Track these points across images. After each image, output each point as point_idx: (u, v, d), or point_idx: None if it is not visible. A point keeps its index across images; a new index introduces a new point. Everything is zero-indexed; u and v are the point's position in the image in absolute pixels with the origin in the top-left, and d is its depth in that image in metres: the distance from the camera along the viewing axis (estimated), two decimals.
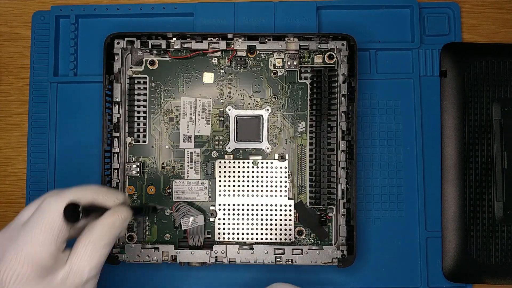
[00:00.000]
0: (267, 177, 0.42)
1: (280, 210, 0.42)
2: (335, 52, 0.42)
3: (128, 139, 0.42)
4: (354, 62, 0.40)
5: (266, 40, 0.42)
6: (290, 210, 0.42)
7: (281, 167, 0.42)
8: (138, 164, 0.42)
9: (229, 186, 0.42)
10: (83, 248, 0.30)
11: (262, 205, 0.42)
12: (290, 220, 0.42)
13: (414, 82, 0.44)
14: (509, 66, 0.43)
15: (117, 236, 0.31)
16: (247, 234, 0.41)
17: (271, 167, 0.42)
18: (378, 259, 0.43)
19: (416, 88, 0.44)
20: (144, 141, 0.43)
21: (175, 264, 0.41)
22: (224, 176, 0.42)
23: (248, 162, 0.42)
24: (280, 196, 0.42)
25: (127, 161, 0.42)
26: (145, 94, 0.43)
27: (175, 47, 0.42)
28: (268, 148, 0.42)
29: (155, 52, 0.42)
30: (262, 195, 0.42)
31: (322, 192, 0.41)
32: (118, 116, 0.42)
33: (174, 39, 0.42)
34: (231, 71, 0.43)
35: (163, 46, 0.42)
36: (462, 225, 0.42)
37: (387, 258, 0.43)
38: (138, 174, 0.42)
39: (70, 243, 0.30)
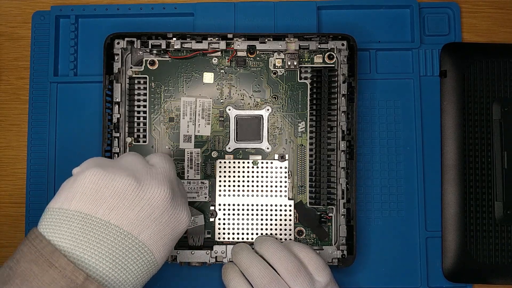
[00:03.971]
0: (267, 177, 0.42)
1: (280, 210, 0.42)
2: (335, 52, 0.42)
3: (128, 139, 0.42)
4: (354, 62, 0.40)
5: (266, 40, 0.42)
6: (290, 210, 0.42)
7: (281, 167, 0.42)
8: None
9: (229, 186, 0.42)
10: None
11: (262, 205, 0.42)
12: (290, 220, 0.42)
13: (414, 82, 0.44)
14: (509, 66, 0.43)
15: None
16: (247, 234, 0.41)
17: (271, 167, 0.42)
18: (378, 259, 0.43)
19: (416, 88, 0.44)
20: (144, 141, 0.43)
21: (175, 264, 0.41)
22: (224, 176, 0.42)
23: (248, 162, 0.42)
24: (280, 196, 0.42)
25: None
26: (145, 94, 0.43)
27: (175, 47, 0.42)
28: (268, 148, 0.42)
29: (155, 52, 0.42)
30: (262, 195, 0.42)
31: (322, 192, 0.41)
32: (118, 116, 0.42)
33: (174, 39, 0.42)
34: (231, 71, 0.43)
35: (163, 46, 0.42)
36: (462, 225, 0.42)
37: (387, 258, 0.43)
38: None
39: None
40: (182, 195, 0.34)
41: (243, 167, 0.42)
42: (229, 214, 0.42)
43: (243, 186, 0.42)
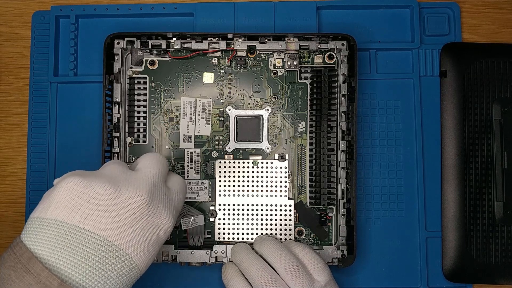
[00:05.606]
0: (267, 177, 0.42)
1: (280, 210, 0.42)
2: (335, 52, 0.42)
3: (128, 139, 0.42)
4: (354, 62, 0.40)
5: (266, 40, 0.42)
6: (290, 210, 0.42)
7: (281, 167, 0.42)
8: None
9: (229, 186, 0.42)
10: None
11: (262, 205, 0.42)
12: (290, 220, 0.42)
13: (414, 82, 0.44)
14: (509, 66, 0.43)
15: None
16: (247, 234, 0.41)
17: (271, 167, 0.42)
18: (378, 259, 0.43)
19: (416, 88, 0.44)
20: (144, 141, 0.43)
21: (175, 264, 0.41)
22: (224, 176, 0.42)
23: (248, 162, 0.42)
24: (280, 196, 0.42)
25: (127, 161, 0.42)
26: (145, 94, 0.43)
27: (175, 47, 0.42)
28: (268, 148, 0.42)
29: (155, 52, 0.42)
30: (262, 195, 0.42)
31: (322, 192, 0.41)
32: (118, 116, 0.42)
33: (174, 39, 0.42)
34: (231, 71, 0.43)
35: (163, 46, 0.42)
36: (462, 225, 0.42)
37: (387, 258, 0.43)
38: None
39: None
40: (168, 200, 0.34)
41: (243, 167, 0.42)
42: (229, 214, 0.42)
43: (243, 186, 0.42)
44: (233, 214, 0.42)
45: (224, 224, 0.42)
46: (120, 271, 0.30)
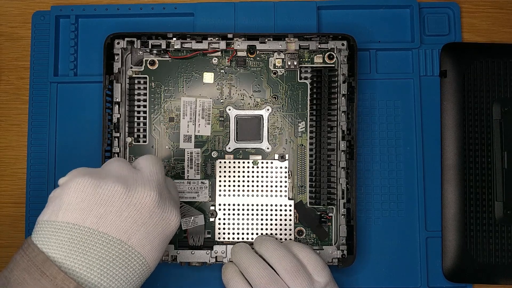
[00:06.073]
0: (267, 177, 0.42)
1: (280, 210, 0.42)
2: (335, 52, 0.42)
3: (128, 139, 0.42)
4: (354, 62, 0.41)
5: (266, 40, 0.42)
6: (290, 210, 0.42)
7: (281, 167, 0.42)
8: None
9: (229, 186, 0.42)
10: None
11: (262, 205, 0.42)
12: (290, 220, 0.42)
13: (414, 82, 0.44)
14: (509, 66, 0.43)
15: None
16: (247, 234, 0.41)
17: (271, 167, 0.42)
18: (378, 259, 0.43)
19: (416, 88, 0.44)
20: (144, 141, 0.43)
21: (175, 264, 0.41)
22: (224, 176, 0.42)
23: (248, 162, 0.42)
24: (280, 196, 0.42)
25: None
26: (145, 94, 0.43)
27: (175, 47, 0.42)
28: (268, 148, 0.42)
29: (155, 52, 0.42)
30: (262, 195, 0.42)
31: (322, 192, 0.41)
32: (118, 116, 0.42)
33: (174, 39, 0.42)
34: (231, 71, 0.43)
35: (163, 46, 0.42)
36: (462, 225, 0.42)
37: (387, 258, 0.43)
38: None
39: None
40: (171, 197, 0.34)
41: (243, 167, 0.42)
42: (229, 214, 0.42)
43: (243, 186, 0.42)
44: (233, 214, 0.42)
45: (224, 224, 0.42)
46: (133, 270, 0.30)
